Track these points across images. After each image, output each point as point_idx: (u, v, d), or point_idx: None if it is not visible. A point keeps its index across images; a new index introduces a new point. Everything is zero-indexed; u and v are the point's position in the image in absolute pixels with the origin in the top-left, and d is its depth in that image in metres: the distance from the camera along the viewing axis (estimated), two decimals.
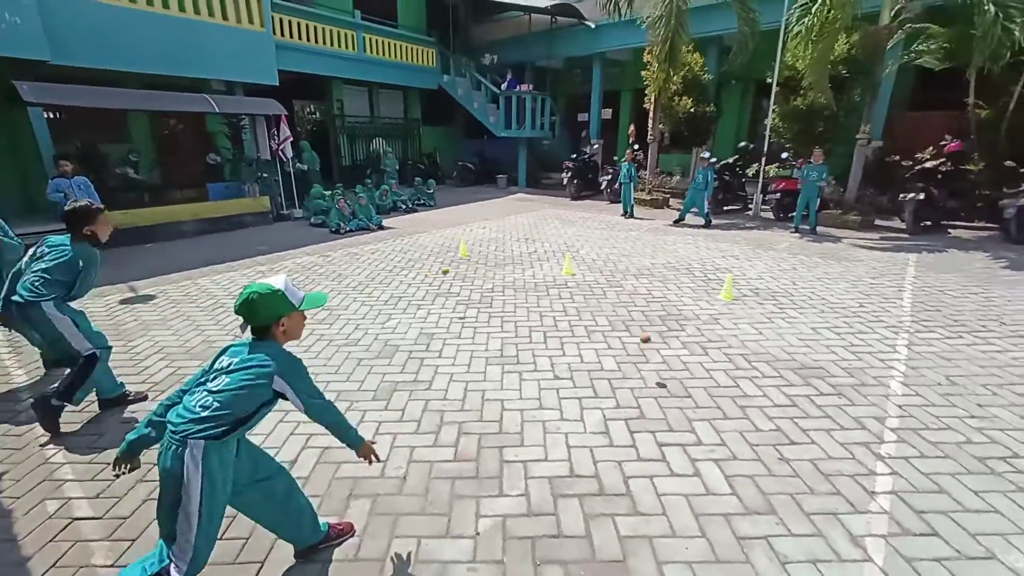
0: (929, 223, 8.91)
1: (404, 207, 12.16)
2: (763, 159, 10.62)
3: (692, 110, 12.08)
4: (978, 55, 7.38)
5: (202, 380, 1.73)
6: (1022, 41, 6.98)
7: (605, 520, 2.30)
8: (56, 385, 3.07)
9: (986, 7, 6.87)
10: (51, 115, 9.23)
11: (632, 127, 14.39)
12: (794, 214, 9.34)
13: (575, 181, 13.97)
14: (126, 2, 9.03)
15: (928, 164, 9.00)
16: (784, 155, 11.02)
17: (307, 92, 15.48)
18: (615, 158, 14.54)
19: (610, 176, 13.15)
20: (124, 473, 1.82)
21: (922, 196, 8.46)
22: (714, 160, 10.65)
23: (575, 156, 14.61)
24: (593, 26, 14.70)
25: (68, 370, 3.12)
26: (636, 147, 13.72)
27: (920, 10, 8.48)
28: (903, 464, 2.63)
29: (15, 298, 2.93)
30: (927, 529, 2.19)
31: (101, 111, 9.15)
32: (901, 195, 8.76)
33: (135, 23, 9.15)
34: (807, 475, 2.56)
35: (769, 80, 10.67)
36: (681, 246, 7.98)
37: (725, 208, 11.46)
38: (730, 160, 11.83)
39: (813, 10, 7.59)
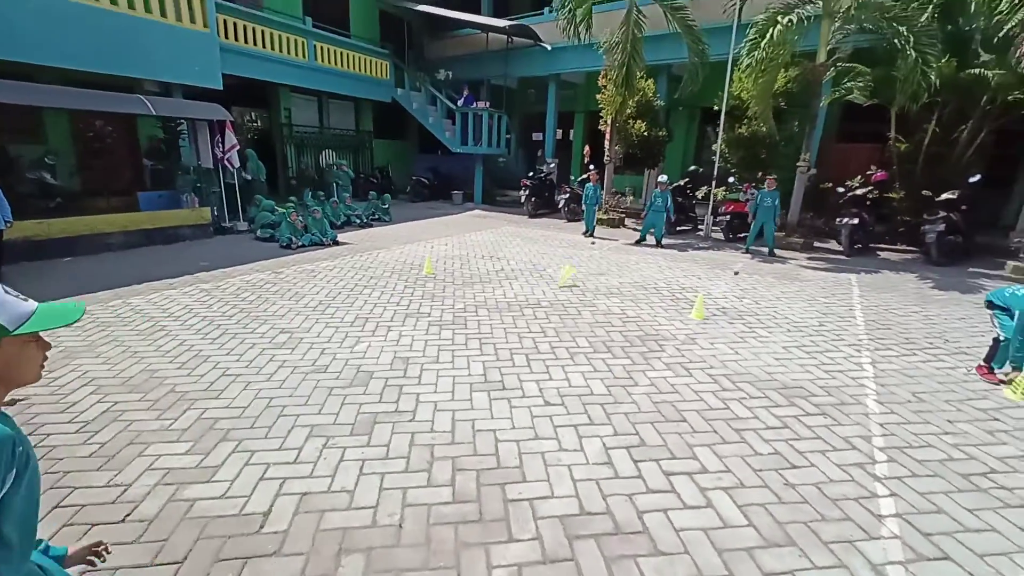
0: (860, 246, 9.67)
1: (359, 222, 11.66)
2: (713, 182, 11.15)
3: (646, 133, 12.53)
4: (900, 95, 8.17)
5: None
6: (937, 84, 7.79)
7: (627, 563, 2.15)
8: None
9: (908, 52, 7.61)
10: None
11: (587, 148, 14.75)
12: (745, 235, 9.83)
13: (533, 199, 14.05)
14: None
15: (858, 192, 9.80)
16: (730, 179, 11.63)
17: (248, 99, 14.64)
18: (571, 177, 14.80)
19: (568, 195, 13.33)
20: None
21: (856, 221, 9.17)
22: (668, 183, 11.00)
23: (532, 174, 14.72)
24: (549, 48, 15.01)
25: None
26: (592, 167, 14.05)
27: (850, 50, 9.29)
28: (899, 485, 2.69)
29: None
30: (939, 553, 2.21)
31: (9, 108, 8.08)
32: (838, 219, 9.46)
33: (58, 14, 8.25)
34: (815, 501, 2.54)
35: (716, 108, 11.30)
36: (644, 266, 8.13)
37: (677, 228, 11.89)
38: (681, 183, 12.35)
39: (761, 45, 8.11)
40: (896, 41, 7.79)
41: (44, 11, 8.09)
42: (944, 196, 8.78)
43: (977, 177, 8.86)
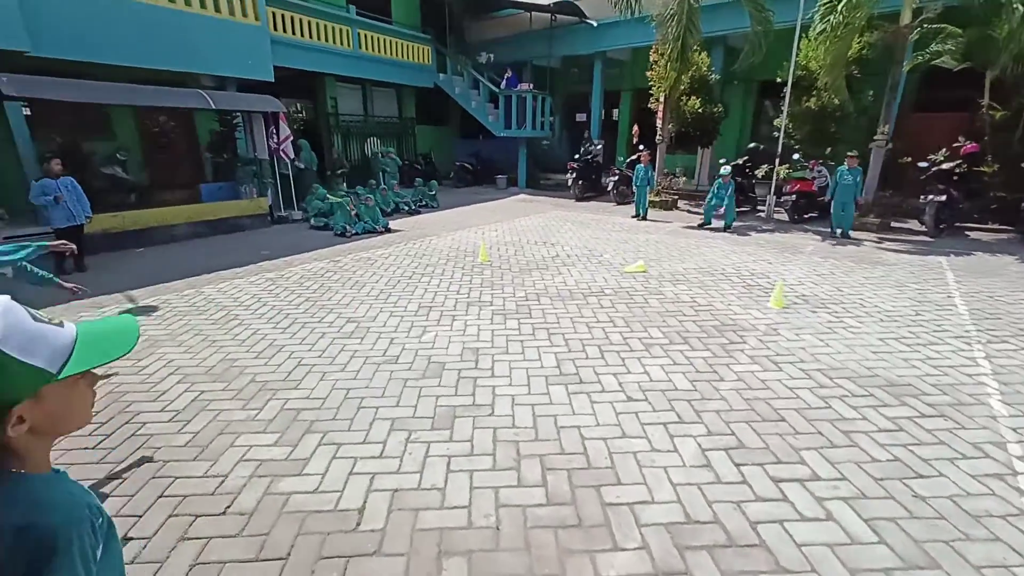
0: (945, 226, 8.85)
1: (407, 208, 11.71)
2: (776, 160, 10.47)
3: (700, 110, 11.89)
4: (1005, 55, 7.31)
5: None
6: None
7: None
8: None
9: (1015, 7, 6.78)
10: (28, 112, 8.53)
11: (636, 127, 14.18)
12: (810, 215, 9.20)
13: (580, 182, 13.69)
14: None
15: (944, 166, 8.94)
16: (795, 156, 10.88)
17: (293, 89, 14.86)
18: (619, 159, 14.32)
19: (617, 177, 12.90)
20: None
21: (943, 198, 8.38)
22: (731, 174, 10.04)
23: (578, 156, 14.32)
24: (595, 24, 14.44)
25: None
26: (642, 148, 13.53)
27: (941, 9, 8.38)
28: None
29: None
30: None
31: (83, 107, 8.46)
32: (922, 197, 8.68)
33: (121, 14, 8.53)
34: (954, 517, 2.27)
35: (780, 80, 10.58)
36: (706, 249, 7.74)
37: (736, 210, 11.27)
38: (739, 161, 11.68)
39: (839, 8, 7.42)
40: None
41: (105, 11, 8.35)
42: None
43: None
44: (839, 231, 8.67)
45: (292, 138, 10.27)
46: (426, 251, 7.75)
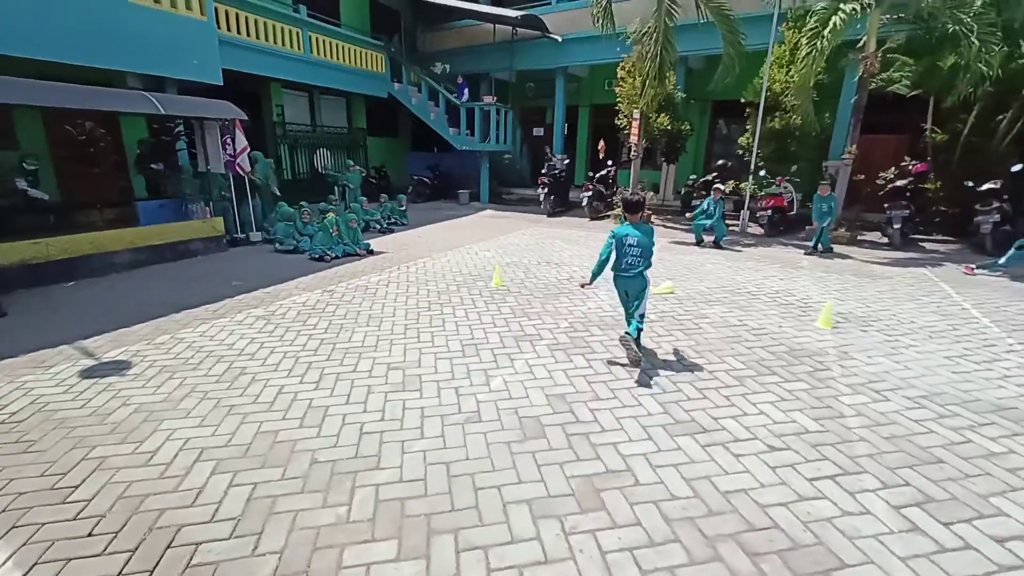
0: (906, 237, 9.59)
1: (378, 227, 10.82)
2: (751, 177, 10.90)
3: (669, 127, 12.20)
4: (962, 83, 8.05)
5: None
6: (999, 73, 7.71)
7: None
8: None
9: (972, 41, 7.48)
10: None
11: (602, 143, 14.27)
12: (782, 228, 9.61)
13: (551, 197, 13.49)
14: None
15: (898, 183, 9.74)
16: (761, 172, 11.42)
17: (232, 95, 13.37)
18: (589, 173, 14.33)
19: (591, 193, 12.85)
20: None
21: (907, 212, 9.08)
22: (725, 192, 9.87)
23: (545, 171, 14.13)
24: (560, 39, 14.44)
25: None
26: (610, 163, 13.65)
27: (903, 40, 9.14)
28: None
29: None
30: None
31: None
32: (888, 211, 9.34)
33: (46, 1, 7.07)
34: None
35: (744, 100, 11.18)
36: (712, 267, 7.74)
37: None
38: (708, 177, 12.09)
39: (824, 34, 7.82)
40: (959, 29, 7.64)
41: None
42: (987, 186, 8.78)
43: (1020, 166, 8.89)
44: (819, 248, 9.02)
45: (249, 149, 9.09)
46: (426, 276, 7.05)
